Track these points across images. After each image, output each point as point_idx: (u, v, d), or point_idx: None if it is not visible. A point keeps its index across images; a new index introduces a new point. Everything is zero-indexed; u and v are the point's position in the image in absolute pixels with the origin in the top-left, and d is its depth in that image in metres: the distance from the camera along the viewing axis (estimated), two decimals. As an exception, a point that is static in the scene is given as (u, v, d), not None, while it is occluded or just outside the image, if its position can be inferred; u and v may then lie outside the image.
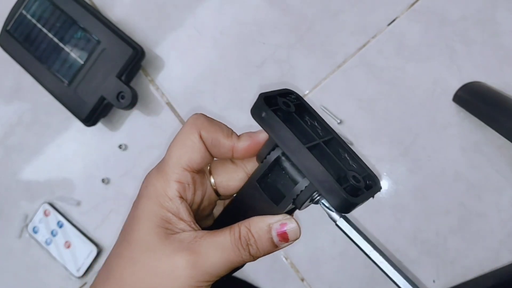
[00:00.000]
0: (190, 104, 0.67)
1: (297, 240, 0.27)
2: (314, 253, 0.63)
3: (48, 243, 0.68)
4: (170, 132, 0.67)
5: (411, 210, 0.61)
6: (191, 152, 0.27)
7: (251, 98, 0.65)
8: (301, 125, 0.28)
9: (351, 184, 0.25)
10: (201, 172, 0.29)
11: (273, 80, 0.65)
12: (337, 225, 0.26)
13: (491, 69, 0.61)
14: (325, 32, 0.65)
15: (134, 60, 0.63)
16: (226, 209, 0.31)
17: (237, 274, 0.64)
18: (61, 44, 0.65)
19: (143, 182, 0.28)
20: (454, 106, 0.61)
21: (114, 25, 0.64)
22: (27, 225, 0.69)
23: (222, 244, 0.26)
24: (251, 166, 0.29)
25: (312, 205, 0.28)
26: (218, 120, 0.30)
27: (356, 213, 0.62)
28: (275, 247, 0.27)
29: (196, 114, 0.29)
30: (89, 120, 0.65)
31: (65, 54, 0.65)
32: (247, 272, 0.64)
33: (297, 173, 0.26)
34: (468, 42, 0.61)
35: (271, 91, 0.28)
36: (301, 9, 0.65)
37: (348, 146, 0.28)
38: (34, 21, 0.66)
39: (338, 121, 0.63)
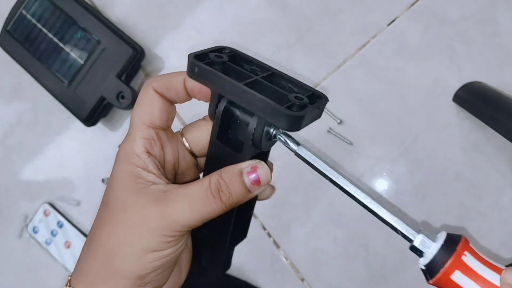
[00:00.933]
0: (189, 104, 0.67)
1: (268, 184, 0.27)
2: (314, 253, 0.63)
3: (48, 243, 0.68)
4: (170, 132, 0.67)
5: (411, 210, 0.61)
6: (149, 109, 0.28)
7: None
8: (236, 70, 0.28)
9: (294, 103, 0.26)
10: (167, 130, 0.30)
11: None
12: (297, 154, 0.27)
13: (491, 69, 0.61)
14: (325, 32, 0.65)
15: (134, 60, 0.63)
16: (203, 173, 0.32)
17: (237, 274, 0.64)
18: (61, 44, 0.65)
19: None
20: (454, 106, 0.61)
21: (114, 25, 0.64)
22: (27, 225, 0.69)
23: (191, 194, 0.26)
24: None
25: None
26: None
27: (356, 213, 0.62)
28: (248, 192, 0.27)
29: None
30: (89, 120, 0.65)
31: (65, 54, 0.65)
32: (247, 272, 0.64)
33: (246, 115, 0.27)
34: (468, 42, 0.61)
35: (201, 50, 0.29)
36: (301, 9, 0.65)
37: (291, 77, 0.29)
38: (34, 21, 0.66)
39: (338, 121, 0.63)
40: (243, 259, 0.64)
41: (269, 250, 0.64)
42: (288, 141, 0.27)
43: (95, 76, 0.63)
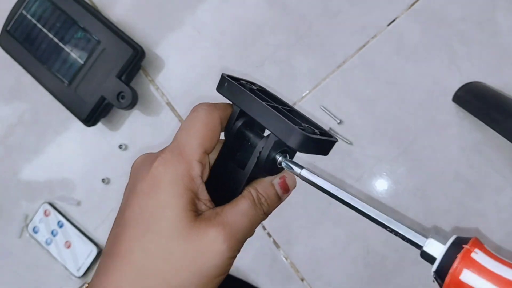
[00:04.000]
0: (190, 104, 0.67)
1: (294, 188, 0.31)
2: (314, 253, 0.63)
3: (48, 243, 0.68)
4: (170, 132, 0.67)
5: (410, 210, 0.61)
6: (211, 135, 0.28)
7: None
8: (262, 97, 0.30)
9: (305, 128, 0.28)
10: None
11: (273, 80, 0.65)
12: (301, 177, 0.28)
13: (490, 69, 0.61)
14: (325, 32, 0.65)
15: (134, 60, 0.63)
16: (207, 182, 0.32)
17: (237, 274, 0.64)
18: (61, 44, 0.65)
19: (153, 167, 0.27)
20: (454, 106, 0.61)
21: (114, 25, 0.64)
22: (27, 225, 0.69)
23: (244, 210, 0.27)
24: None
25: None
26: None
27: (355, 213, 0.62)
28: (279, 200, 0.30)
29: (201, 103, 0.29)
30: (89, 120, 0.65)
31: (65, 54, 0.65)
32: (247, 272, 0.64)
33: (257, 138, 0.29)
34: (467, 42, 0.61)
35: (235, 76, 0.31)
36: (301, 9, 0.65)
37: (309, 117, 0.31)
38: (34, 21, 0.66)
39: (338, 121, 0.63)
40: (243, 259, 0.64)
41: (269, 250, 0.64)
42: (292, 166, 0.28)
43: (95, 76, 0.63)
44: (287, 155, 0.29)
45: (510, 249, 0.59)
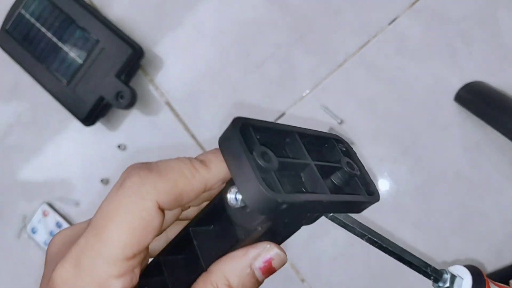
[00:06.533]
0: (189, 104, 0.67)
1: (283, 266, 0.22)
2: (314, 253, 0.63)
3: (47, 243, 0.68)
4: (170, 132, 0.67)
5: (412, 210, 0.61)
6: (143, 233, 0.18)
7: (251, 98, 0.65)
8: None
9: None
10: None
11: (273, 80, 0.65)
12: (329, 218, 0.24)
13: (492, 69, 0.60)
14: (326, 32, 0.64)
15: (133, 60, 0.63)
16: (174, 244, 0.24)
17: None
18: (60, 44, 0.64)
19: (52, 279, 0.19)
20: (456, 106, 0.61)
21: (113, 25, 0.64)
22: (25, 226, 0.69)
23: None
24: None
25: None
26: (220, 121, 0.27)
27: (356, 214, 0.62)
28: (258, 285, 0.21)
29: (133, 169, 0.19)
30: (88, 120, 0.64)
31: (63, 54, 0.64)
32: (247, 273, 0.64)
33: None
34: (469, 41, 0.61)
35: (248, 119, 0.20)
36: (301, 8, 0.65)
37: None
38: (33, 20, 0.65)
39: (339, 121, 0.62)
40: (243, 259, 0.64)
41: (269, 250, 0.64)
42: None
43: (94, 75, 0.63)
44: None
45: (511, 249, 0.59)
